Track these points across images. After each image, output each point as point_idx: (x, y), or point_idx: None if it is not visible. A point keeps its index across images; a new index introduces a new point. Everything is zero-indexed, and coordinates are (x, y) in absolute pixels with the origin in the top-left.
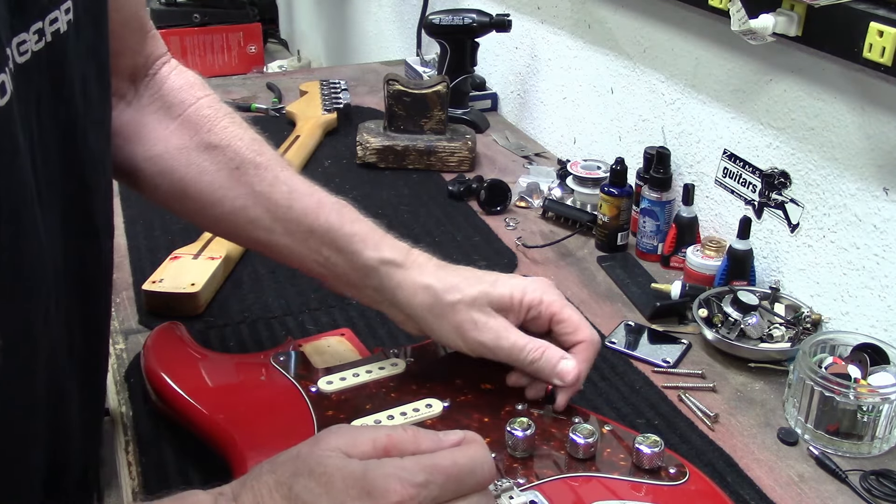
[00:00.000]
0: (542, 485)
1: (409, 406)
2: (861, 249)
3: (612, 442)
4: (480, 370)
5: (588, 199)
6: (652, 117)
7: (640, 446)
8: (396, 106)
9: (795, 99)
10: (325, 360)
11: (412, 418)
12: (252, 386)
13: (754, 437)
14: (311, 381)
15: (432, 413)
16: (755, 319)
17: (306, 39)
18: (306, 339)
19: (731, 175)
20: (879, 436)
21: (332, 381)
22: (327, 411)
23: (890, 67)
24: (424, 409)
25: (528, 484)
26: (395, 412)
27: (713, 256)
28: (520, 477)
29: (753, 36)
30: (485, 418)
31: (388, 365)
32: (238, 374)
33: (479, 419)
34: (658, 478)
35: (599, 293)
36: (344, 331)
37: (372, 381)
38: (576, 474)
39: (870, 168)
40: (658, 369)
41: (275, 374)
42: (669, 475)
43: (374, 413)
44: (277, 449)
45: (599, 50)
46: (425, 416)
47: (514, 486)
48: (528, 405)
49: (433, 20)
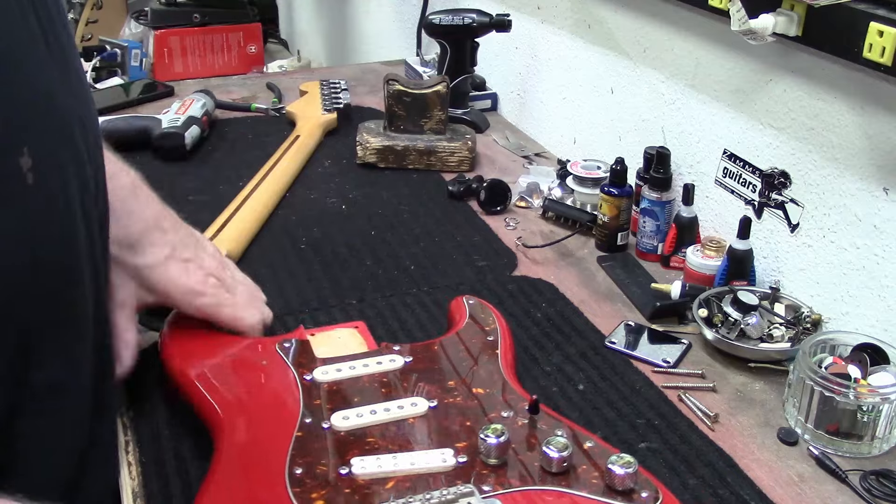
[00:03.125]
0: (507, 494)
1: (394, 402)
2: (861, 249)
3: (588, 459)
4: (476, 375)
5: (588, 199)
6: (652, 117)
7: (613, 466)
8: (396, 106)
9: (795, 99)
10: (330, 351)
11: (394, 415)
12: (251, 367)
13: (754, 437)
14: (307, 369)
15: (415, 412)
16: (755, 319)
17: (306, 39)
18: (319, 329)
19: (731, 175)
20: (879, 436)
21: (328, 371)
22: (315, 400)
23: (890, 67)
24: (409, 407)
25: (492, 492)
26: (379, 407)
27: (713, 256)
28: (487, 484)
29: (753, 36)
30: (467, 421)
31: (387, 360)
32: (242, 354)
33: (461, 423)
34: (629, 500)
35: (599, 293)
36: (358, 324)
37: (367, 375)
38: (544, 487)
39: (870, 168)
40: (658, 369)
41: (276, 360)
42: (641, 499)
43: (360, 406)
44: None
45: (599, 50)
46: (408, 415)
47: (475, 492)
48: (514, 413)
49: (433, 20)
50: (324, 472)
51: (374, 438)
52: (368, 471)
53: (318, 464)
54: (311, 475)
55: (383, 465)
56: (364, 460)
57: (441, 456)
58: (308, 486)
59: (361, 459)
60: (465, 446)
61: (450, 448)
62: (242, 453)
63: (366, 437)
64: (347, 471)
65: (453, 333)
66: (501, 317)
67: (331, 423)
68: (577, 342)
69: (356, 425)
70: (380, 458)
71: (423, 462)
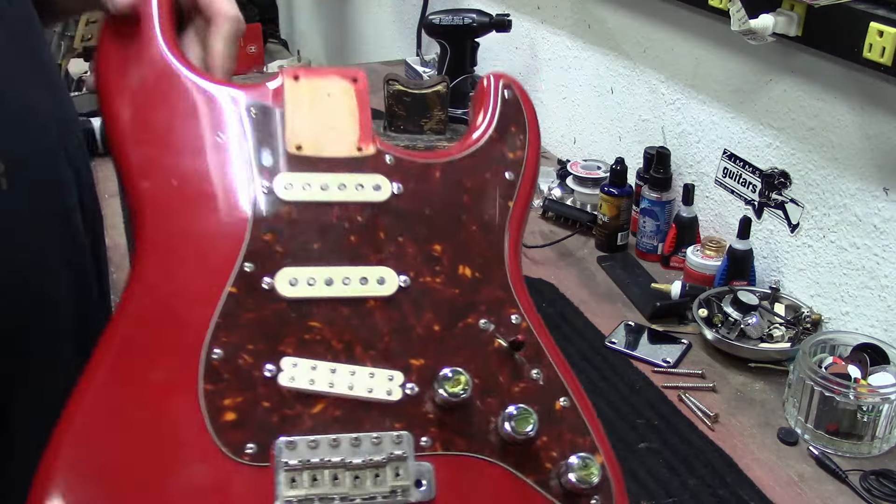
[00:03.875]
0: (443, 457)
1: (358, 270)
2: (861, 249)
3: (554, 441)
4: (471, 241)
5: (588, 199)
6: (652, 117)
7: (570, 467)
8: (396, 106)
9: (795, 99)
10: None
11: (353, 290)
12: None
13: (754, 437)
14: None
15: (380, 292)
16: (755, 319)
17: (306, 39)
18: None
19: (731, 175)
20: (879, 436)
21: (294, 182)
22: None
23: (890, 67)
24: (374, 282)
25: (429, 450)
26: (337, 274)
27: (713, 256)
28: (427, 435)
29: (753, 36)
30: (435, 325)
31: (370, 184)
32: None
33: (429, 321)
34: None
35: (599, 293)
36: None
37: (338, 207)
38: (489, 460)
39: (870, 168)
40: (658, 369)
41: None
42: None
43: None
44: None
45: (599, 50)
46: (370, 294)
47: (409, 455)
48: (494, 328)
49: (433, 20)
50: (246, 366)
51: (320, 324)
52: (297, 383)
53: (244, 349)
54: (230, 367)
55: (317, 379)
56: (297, 364)
57: (388, 382)
58: (223, 385)
59: (294, 361)
60: (420, 366)
61: (400, 371)
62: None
63: (310, 317)
64: (274, 372)
65: (465, 151)
66: (537, 137)
67: (273, 284)
68: (577, 342)
69: (303, 296)
70: (317, 365)
71: (364, 388)
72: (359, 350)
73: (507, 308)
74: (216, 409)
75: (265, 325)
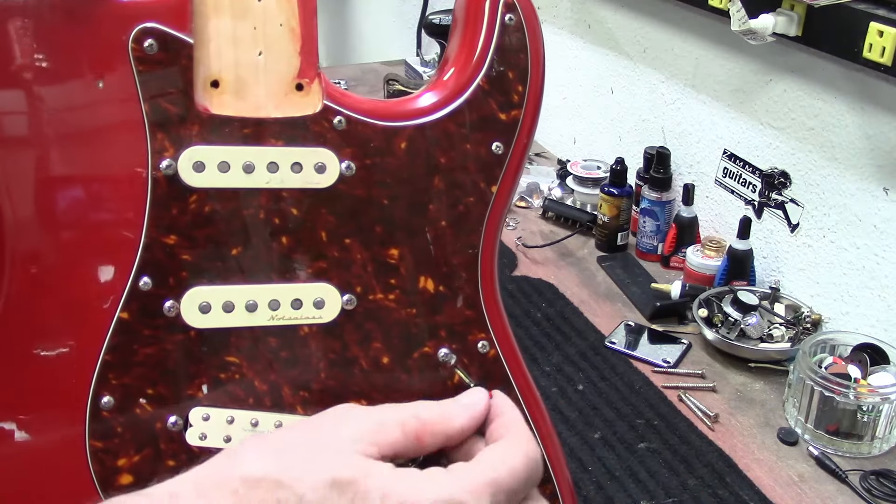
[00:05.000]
0: None
1: (288, 290)
2: (861, 249)
3: None
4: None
5: (588, 199)
6: (652, 117)
7: None
8: None
9: (795, 99)
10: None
11: (283, 317)
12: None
13: (754, 437)
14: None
15: (315, 317)
16: (755, 319)
17: None
18: None
19: (731, 175)
20: (879, 436)
21: (206, 161)
22: (167, 236)
23: (890, 67)
24: (309, 305)
25: None
26: (262, 295)
27: (713, 256)
28: None
29: (753, 36)
30: (384, 357)
31: (310, 164)
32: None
33: (377, 352)
34: None
35: (599, 293)
36: None
37: (266, 193)
38: None
39: (870, 168)
40: (658, 369)
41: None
42: None
43: (232, 281)
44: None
45: (599, 50)
46: (303, 320)
47: None
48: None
49: (433, 20)
50: (145, 416)
51: (238, 360)
52: (210, 441)
53: (142, 394)
54: (124, 418)
55: (235, 435)
56: (209, 416)
57: None
58: (115, 442)
59: (205, 413)
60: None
61: None
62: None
63: (226, 350)
64: (180, 425)
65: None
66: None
67: (178, 308)
68: (577, 342)
69: (217, 326)
70: (234, 417)
71: None
72: (287, 393)
73: (475, 331)
74: (108, 470)
75: (168, 363)
